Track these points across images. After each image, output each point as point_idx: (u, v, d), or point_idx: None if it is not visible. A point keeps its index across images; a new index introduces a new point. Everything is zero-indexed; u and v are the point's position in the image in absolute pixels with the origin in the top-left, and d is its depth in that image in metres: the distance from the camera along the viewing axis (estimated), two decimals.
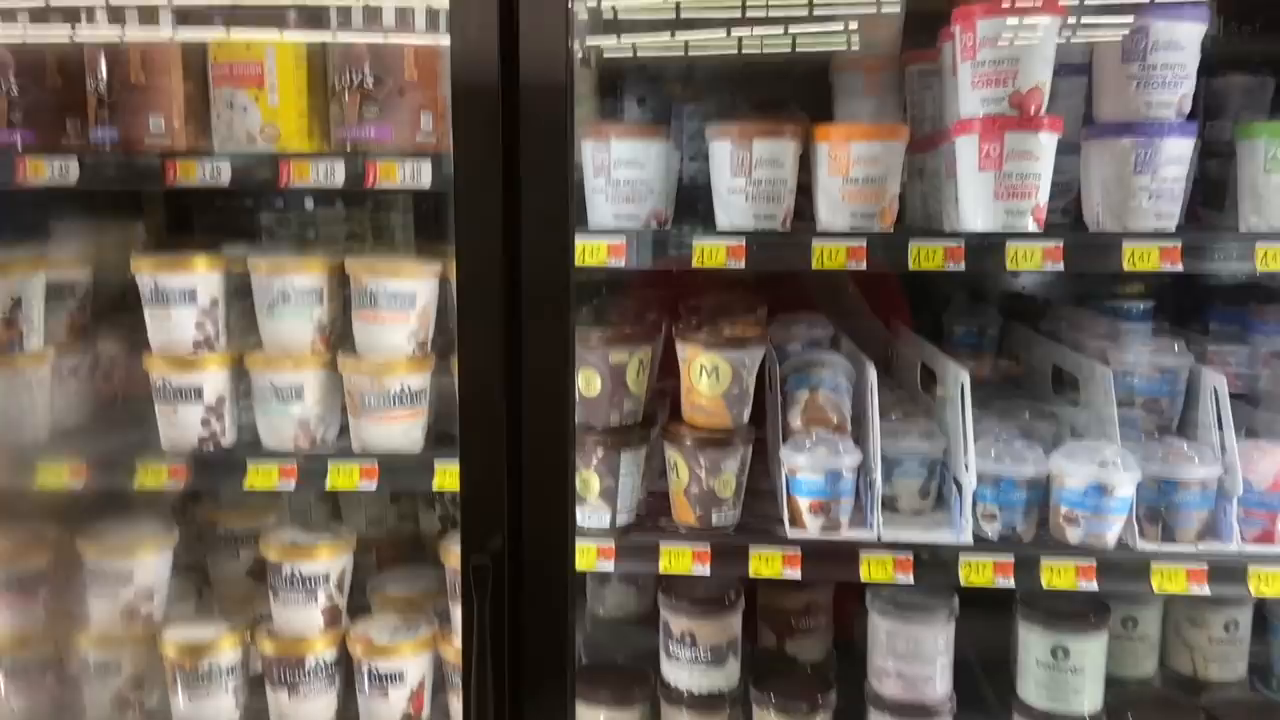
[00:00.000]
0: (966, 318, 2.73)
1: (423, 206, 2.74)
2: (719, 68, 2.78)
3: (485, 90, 1.51)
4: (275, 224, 2.62)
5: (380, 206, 2.73)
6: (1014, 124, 1.80)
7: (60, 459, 2.03)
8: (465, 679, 1.60)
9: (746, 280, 2.63)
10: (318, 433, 2.10)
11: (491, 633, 1.57)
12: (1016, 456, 1.96)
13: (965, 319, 2.72)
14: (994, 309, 2.76)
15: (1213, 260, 1.84)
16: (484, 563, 1.55)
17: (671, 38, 2.64)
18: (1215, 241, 1.84)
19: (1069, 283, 2.84)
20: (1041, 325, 2.61)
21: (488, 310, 1.55)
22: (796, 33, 2.56)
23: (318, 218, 2.65)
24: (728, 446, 1.99)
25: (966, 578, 1.92)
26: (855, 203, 1.92)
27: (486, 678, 1.57)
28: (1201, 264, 1.84)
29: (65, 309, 2.22)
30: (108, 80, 1.97)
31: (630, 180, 1.96)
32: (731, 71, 2.78)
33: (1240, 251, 1.82)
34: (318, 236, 2.63)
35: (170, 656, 2.11)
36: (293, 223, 2.64)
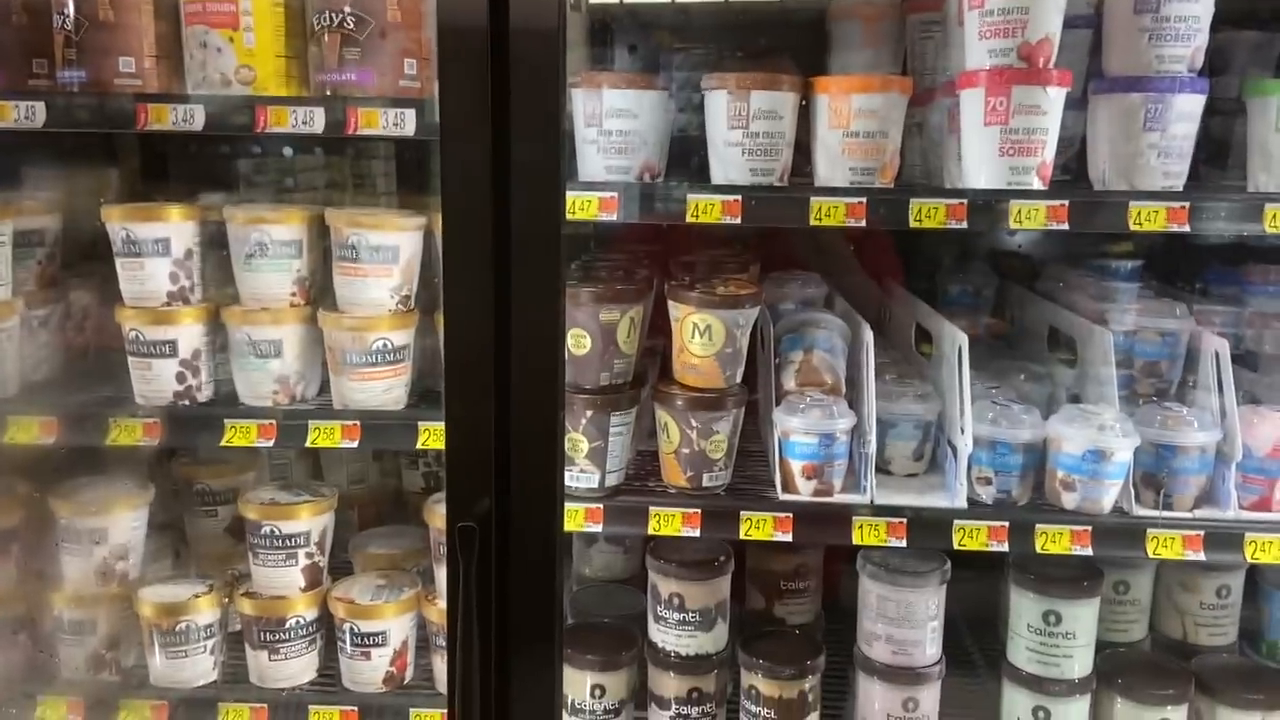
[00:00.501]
0: (961, 277, 2.68)
1: (405, 155, 2.67)
2: (711, 16, 2.71)
3: (473, 32, 1.43)
4: (253, 172, 2.54)
5: (361, 155, 2.65)
6: (1022, 77, 1.74)
7: (30, 414, 1.97)
8: (450, 641, 1.56)
9: (738, 237, 2.57)
10: (297, 389, 2.04)
11: (478, 595, 1.53)
12: (1013, 420, 1.93)
13: (960, 278, 2.68)
14: (989, 268, 2.72)
15: (1219, 221, 1.79)
16: (470, 525, 1.50)
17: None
18: (1223, 202, 1.78)
19: (1058, 241, 2.79)
20: (1036, 285, 2.57)
21: (474, 265, 1.49)
22: None
23: (296, 166, 2.57)
24: (720, 408, 1.94)
25: (960, 542, 1.89)
26: (855, 157, 1.86)
27: (472, 640, 1.53)
28: (1208, 225, 1.79)
29: (34, 258, 2.14)
30: (75, 18, 1.87)
31: (623, 131, 1.89)
32: (724, 20, 2.71)
33: (1248, 212, 1.77)
34: (296, 185, 2.55)
35: (146, 616, 2.06)
36: (271, 170, 2.56)
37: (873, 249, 2.60)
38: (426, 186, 2.58)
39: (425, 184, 2.59)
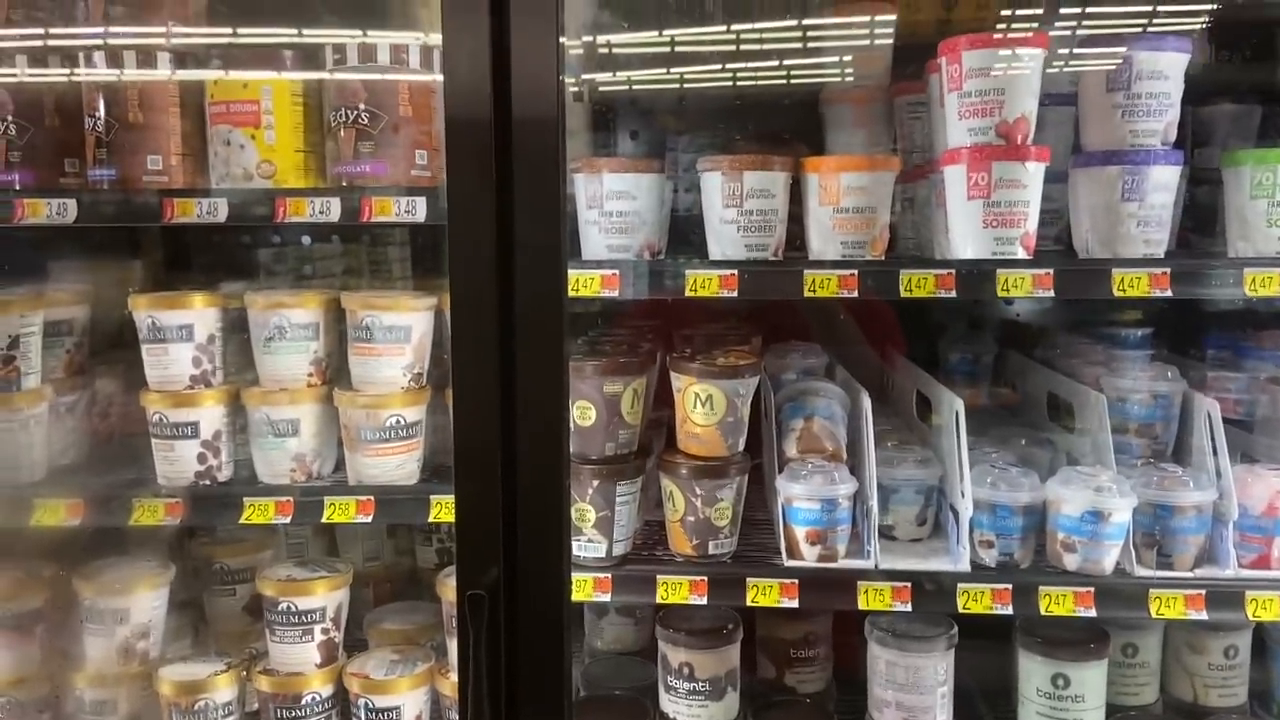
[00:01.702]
0: (962, 345, 2.73)
1: (419, 240, 2.76)
2: (711, 100, 2.82)
3: (478, 124, 1.53)
4: (272, 260, 2.63)
5: (377, 241, 2.75)
6: (1001, 153, 1.83)
7: (57, 497, 2.03)
8: (462, 712, 1.59)
9: (740, 310, 2.64)
10: (314, 466, 2.10)
11: (488, 664, 1.57)
12: (1012, 483, 1.96)
13: (960, 347, 2.73)
14: (989, 337, 2.77)
15: (1203, 286, 1.86)
16: (479, 593, 1.55)
17: (667, 72, 2.69)
18: (1204, 267, 1.85)
19: (1064, 310, 2.85)
20: (1036, 353, 2.63)
21: (482, 342, 1.56)
22: (790, 65, 2.62)
23: (314, 254, 2.67)
24: (723, 475, 1.99)
25: (965, 605, 1.91)
26: (846, 232, 1.94)
27: (483, 709, 1.56)
28: (1191, 289, 1.85)
29: (62, 346, 2.23)
30: (106, 119, 1.99)
31: (623, 212, 1.98)
32: (724, 104, 2.82)
33: (1229, 277, 1.83)
34: (314, 272, 2.64)
35: (166, 694, 2.09)
36: (289, 259, 2.65)
37: (874, 319, 2.66)
38: (440, 269, 2.67)
39: (439, 267, 2.67)
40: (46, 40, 2.01)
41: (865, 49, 2.38)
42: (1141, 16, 2.22)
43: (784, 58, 2.50)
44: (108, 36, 1.98)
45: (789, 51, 2.51)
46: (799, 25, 2.58)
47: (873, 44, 2.38)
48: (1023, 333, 2.83)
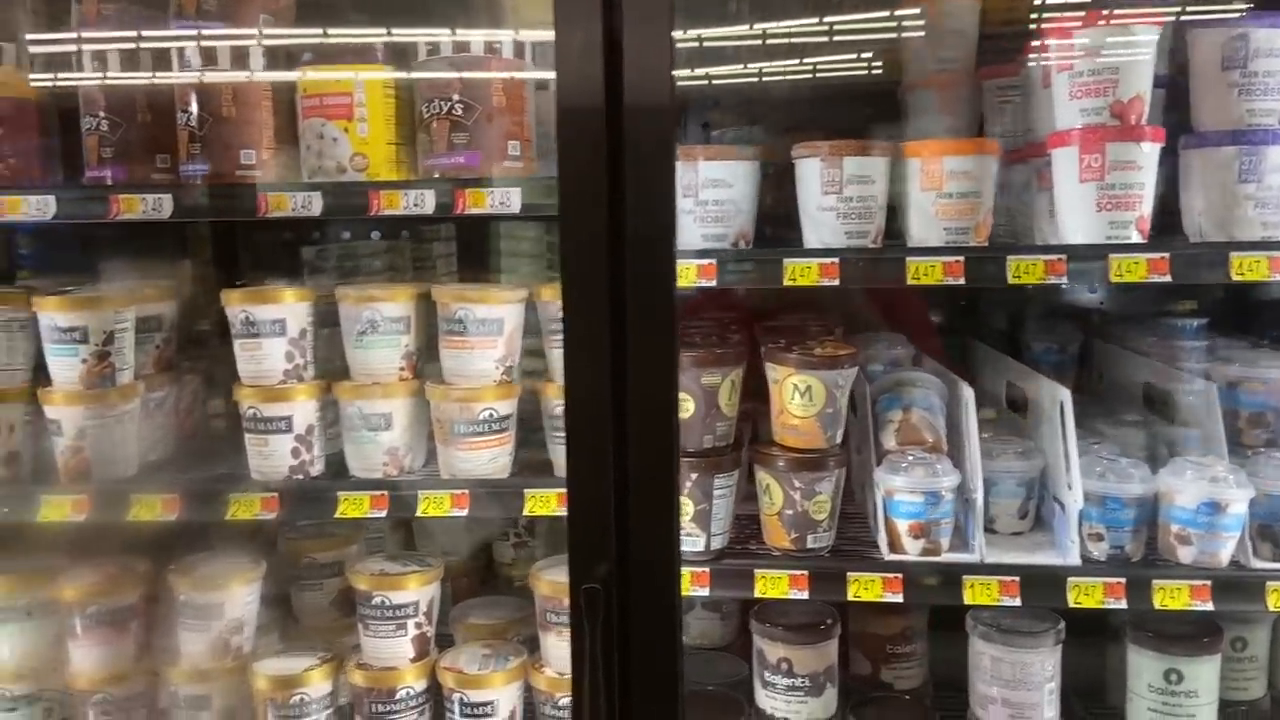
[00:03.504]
0: (1046, 335, 2.68)
1: (462, 236, 2.74)
2: (784, 92, 2.78)
3: (591, 114, 1.50)
4: (315, 258, 2.62)
5: (420, 238, 2.72)
6: (1116, 134, 1.77)
7: (153, 492, 2.03)
8: (575, 706, 1.57)
9: (810, 302, 2.59)
10: (406, 460, 2.09)
11: (603, 659, 1.54)
12: (1122, 474, 1.91)
13: (1045, 336, 2.67)
14: (1073, 326, 2.71)
15: None
16: (595, 587, 1.53)
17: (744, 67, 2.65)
18: None
19: (1120, 298, 2.78)
20: (1126, 342, 2.56)
21: (594, 334, 1.54)
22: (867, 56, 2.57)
23: (357, 251, 2.65)
24: (822, 468, 1.96)
25: (1075, 600, 1.87)
26: (949, 218, 1.89)
27: (600, 704, 1.54)
28: None
29: (152, 343, 2.24)
30: (199, 114, 1.99)
31: (719, 200, 1.95)
32: (788, 96, 2.78)
33: None
34: (357, 270, 2.63)
35: (262, 689, 2.09)
36: (332, 256, 2.65)
37: (903, 306, 2.60)
38: (487, 265, 2.67)
39: (486, 262, 2.67)
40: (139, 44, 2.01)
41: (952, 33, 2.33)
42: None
43: (869, 48, 2.46)
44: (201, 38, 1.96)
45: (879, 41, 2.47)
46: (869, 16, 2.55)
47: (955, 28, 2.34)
48: (1087, 321, 2.76)
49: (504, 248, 2.64)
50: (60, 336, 2.03)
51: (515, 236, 2.64)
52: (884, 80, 2.55)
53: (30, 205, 1.97)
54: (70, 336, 2.03)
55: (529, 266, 2.64)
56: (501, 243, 2.65)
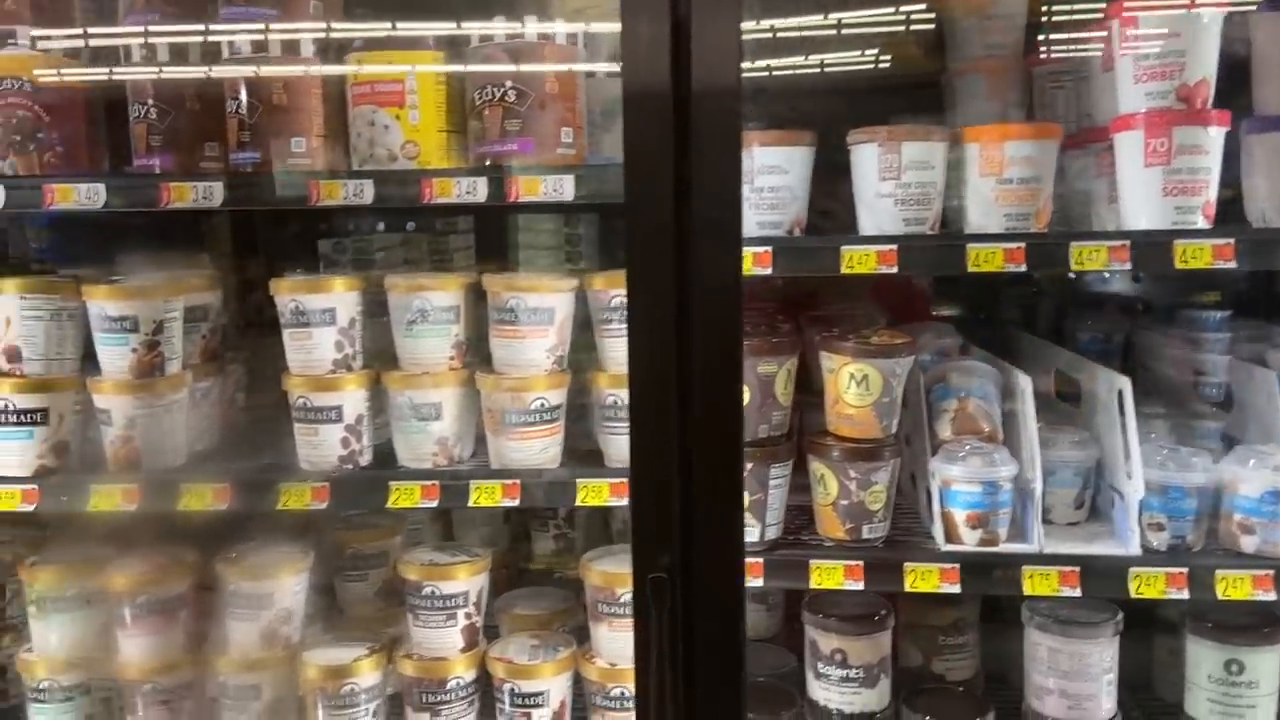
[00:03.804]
0: (1091, 325, 2.65)
1: (482, 227, 2.72)
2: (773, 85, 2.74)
3: (658, 99, 1.48)
4: (331, 250, 2.60)
5: (436, 231, 2.70)
6: (1183, 118, 1.75)
7: (204, 481, 2.03)
8: (640, 696, 1.56)
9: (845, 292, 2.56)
10: (455, 450, 2.08)
11: (669, 649, 1.53)
12: (1183, 464, 1.89)
13: (1090, 326, 2.65)
14: (1119, 315, 2.69)
15: None
16: (662, 576, 1.51)
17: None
18: None
19: (1158, 289, 2.76)
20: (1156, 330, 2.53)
21: (660, 324, 1.52)
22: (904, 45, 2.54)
23: (373, 243, 2.63)
24: (878, 458, 1.94)
25: (1137, 590, 1.85)
26: (1009, 204, 1.87)
27: (665, 693, 1.53)
28: None
29: (199, 333, 2.23)
30: (249, 102, 1.97)
31: (774, 187, 1.93)
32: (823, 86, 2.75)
33: None
34: (374, 261, 2.61)
35: (312, 679, 2.09)
36: (349, 248, 2.62)
37: (905, 296, 2.58)
38: (505, 258, 2.65)
39: (505, 254, 2.65)
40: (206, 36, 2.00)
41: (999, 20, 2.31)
42: None
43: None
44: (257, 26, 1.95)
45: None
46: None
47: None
48: (1131, 310, 2.74)
49: (522, 240, 2.62)
50: (111, 326, 2.02)
51: (533, 229, 2.63)
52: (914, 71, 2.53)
53: (80, 194, 1.96)
54: (121, 326, 2.02)
55: (546, 259, 2.62)
56: (520, 235, 2.63)
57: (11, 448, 2.05)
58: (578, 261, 2.61)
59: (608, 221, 2.69)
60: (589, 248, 2.67)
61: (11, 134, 2.03)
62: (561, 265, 2.60)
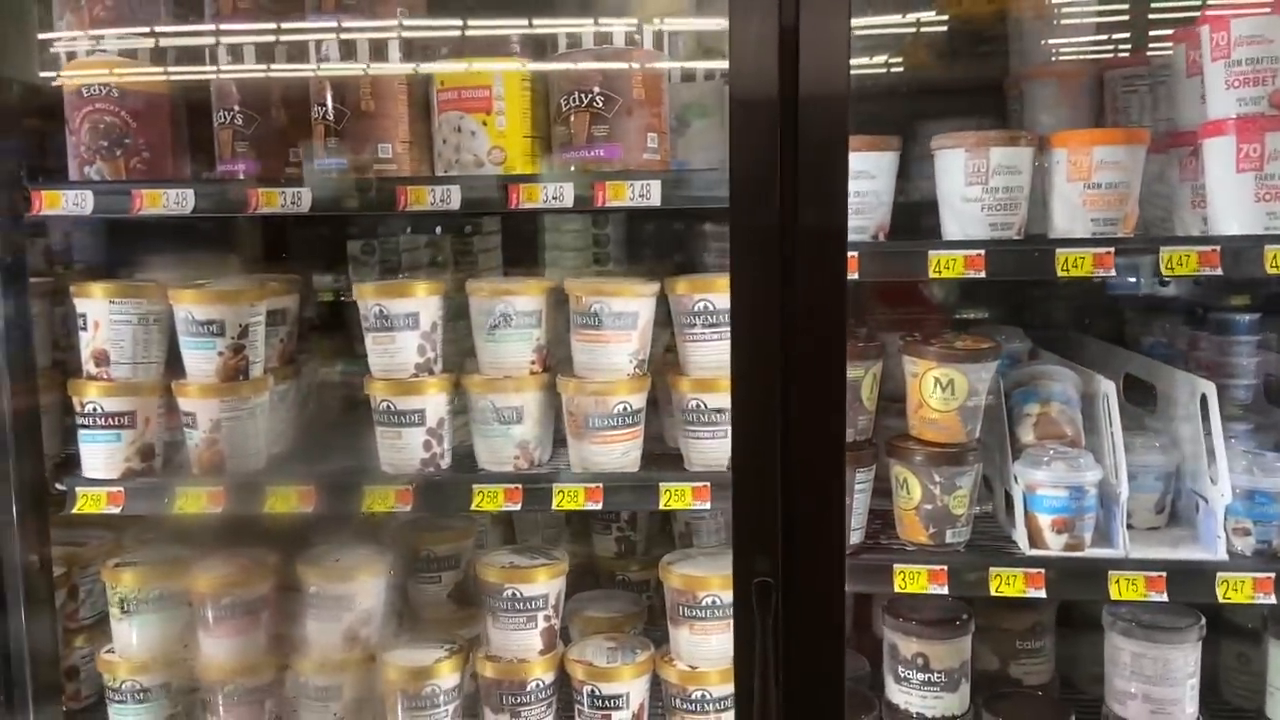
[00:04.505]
0: (1155, 328, 2.65)
1: (512, 230, 2.73)
2: None
3: (764, 104, 1.49)
4: (360, 252, 2.61)
5: (462, 234, 2.71)
6: (1276, 124, 1.75)
7: (288, 484, 2.04)
8: (741, 700, 1.57)
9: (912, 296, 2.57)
10: (536, 453, 2.10)
11: (772, 653, 1.54)
12: (1268, 469, 1.89)
13: (1154, 329, 2.65)
14: (1181, 320, 2.68)
15: None
16: (768, 580, 1.52)
17: None
18: None
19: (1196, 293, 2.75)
20: None
21: (764, 329, 1.53)
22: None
23: (401, 245, 2.65)
24: (962, 463, 1.95)
25: (1225, 595, 1.85)
26: (1097, 209, 1.88)
27: (769, 697, 1.54)
28: None
29: (278, 336, 2.25)
30: (335, 108, 1.99)
31: (860, 192, 1.93)
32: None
33: None
34: (402, 264, 2.62)
35: (393, 680, 2.10)
36: (377, 249, 2.64)
37: (906, 299, 2.58)
38: (535, 261, 2.66)
39: (534, 258, 2.66)
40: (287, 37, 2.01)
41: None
42: None
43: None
44: (340, 30, 1.97)
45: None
46: None
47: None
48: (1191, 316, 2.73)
49: (549, 241, 2.64)
50: (198, 330, 2.04)
51: (560, 230, 2.64)
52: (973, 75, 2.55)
53: (170, 199, 1.98)
54: (207, 330, 2.04)
55: (574, 260, 2.63)
56: (547, 236, 2.64)
57: (99, 450, 2.08)
58: (605, 263, 2.63)
59: (633, 224, 2.71)
60: (617, 249, 2.69)
61: (99, 139, 2.06)
62: (589, 267, 2.61)
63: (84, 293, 2.07)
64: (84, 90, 2.05)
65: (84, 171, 2.07)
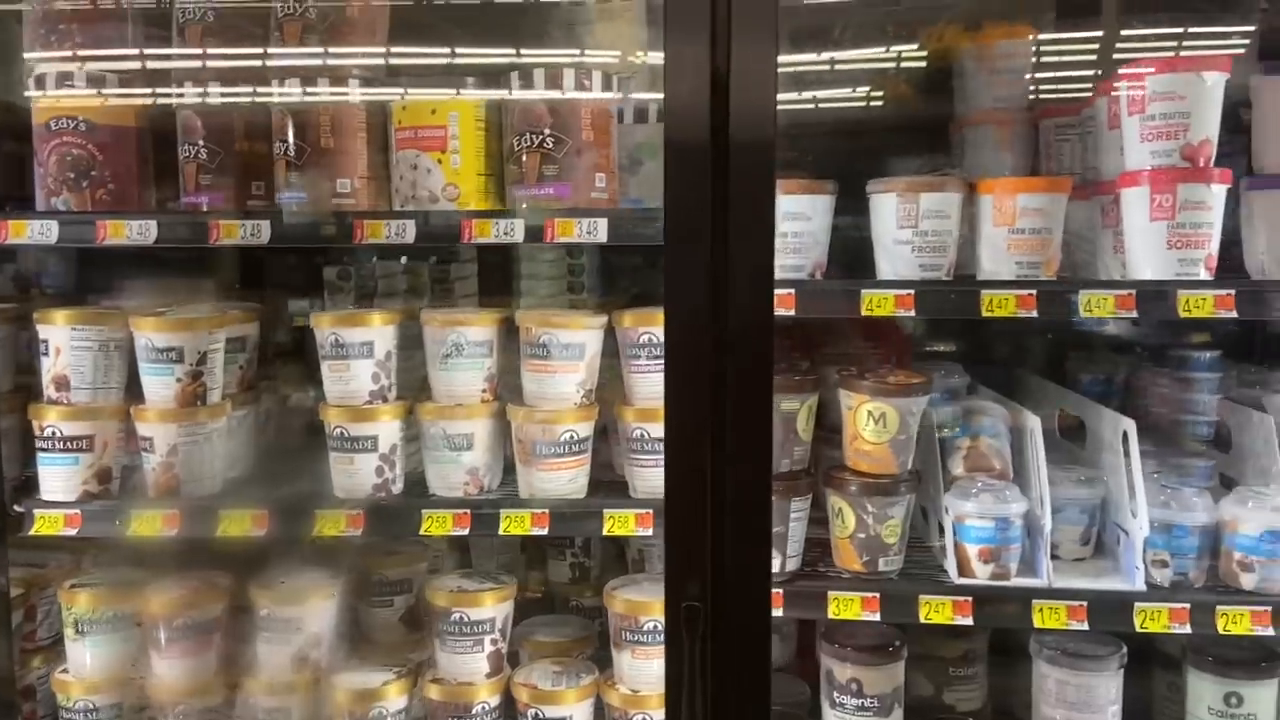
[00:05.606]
0: (1093, 366, 2.74)
1: (488, 260, 2.80)
2: None
3: (697, 146, 1.58)
4: (335, 279, 2.67)
5: (439, 261, 2.77)
6: (1187, 176, 1.85)
7: (243, 508, 2.09)
8: None
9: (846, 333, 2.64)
10: (485, 480, 2.16)
11: (700, 676, 1.60)
12: (1186, 503, 1.98)
13: (1092, 367, 2.74)
14: (1119, 357, 2.78)
15: None
16: (696, 604, 1.59)
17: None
18: None
19: (1160, 332, 2.84)
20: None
21: (697, 361, 1.61)
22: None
23: (377, 272, 2.72)
24: (894, 493, 2.02)
25: (1142, 624, 1.93)
26: (1021, 253, 1.97)
27: (696, 718, 1.60)
28: None
29: (237, 363, 2.30)
30: (296, 143, 2.07)
31: (798, 233, 2.02)
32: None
33: None
34: (377, 291, 2.68)
35: (341, 703, 2.15)
36: (353, 277, 2.70)
37: (886, 335, 2.67)
38: (510, 290, 2.73)
39: (509, 287, 2.73)
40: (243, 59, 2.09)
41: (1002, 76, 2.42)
42: None
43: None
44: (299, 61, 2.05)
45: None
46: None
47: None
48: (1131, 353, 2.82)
49: (524, 270, 2.71)
50: (157, 356, 2.10)
51: (535, 259, 2.71)
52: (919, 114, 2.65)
53: (132, 230, 2.05)
54: (166, 357, 2.10)
55: (548, 288, 2.70)
56: (522, 265, 2.72)
57: (57, 473, 2.12)
58: (579, 292, 2.69)
59: (607, 255, 2.79)
60: (591, 278, 2.76)
61: (66, 171, 2.12)
62: (562, 295, 2.68)
63: (46, 319, 2.13)
64: (51, 124, 2.12)
65: (51, 202, 2.13)
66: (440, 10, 2.23)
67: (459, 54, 2.19)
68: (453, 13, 2.23)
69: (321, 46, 2.06)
